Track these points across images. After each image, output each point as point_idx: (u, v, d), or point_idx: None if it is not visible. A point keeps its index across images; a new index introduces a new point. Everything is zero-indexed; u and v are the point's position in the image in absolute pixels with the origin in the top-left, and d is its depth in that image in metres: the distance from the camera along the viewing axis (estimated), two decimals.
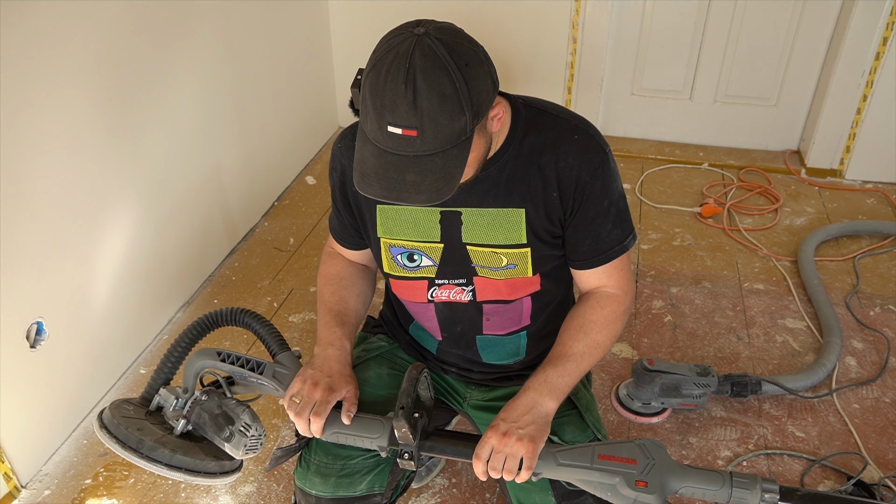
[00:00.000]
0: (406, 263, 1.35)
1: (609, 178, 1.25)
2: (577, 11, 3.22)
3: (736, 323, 2.44)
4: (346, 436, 1.25)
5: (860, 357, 2.29)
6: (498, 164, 1.24)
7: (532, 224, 1.27)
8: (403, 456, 1.21)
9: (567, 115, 1.28)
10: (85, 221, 2.01)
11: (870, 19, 2.94)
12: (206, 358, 1.26)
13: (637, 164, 3.49)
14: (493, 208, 1.27)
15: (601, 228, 1.28)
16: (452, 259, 1.32)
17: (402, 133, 1.03)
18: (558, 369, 1.26)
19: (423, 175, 1.06)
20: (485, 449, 1.18)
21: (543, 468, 1.19)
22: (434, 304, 1.39)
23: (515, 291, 1.36)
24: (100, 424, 1.17)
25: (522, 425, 1.19)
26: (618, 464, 1.16)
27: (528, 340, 1.44)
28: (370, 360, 1.50)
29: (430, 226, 1.30)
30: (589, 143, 1.24)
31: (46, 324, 1.90)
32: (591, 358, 1.30)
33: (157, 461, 1.15)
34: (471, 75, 1.05)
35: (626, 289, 1.35)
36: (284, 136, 3.19)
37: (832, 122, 3.22)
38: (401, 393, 1.19)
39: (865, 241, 2.87)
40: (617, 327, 1.33)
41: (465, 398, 1.53)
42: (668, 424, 2.06)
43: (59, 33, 1.81)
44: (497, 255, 1.30)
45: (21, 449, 1.90)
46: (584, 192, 1.24)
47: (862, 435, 2.01)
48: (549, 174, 1.24)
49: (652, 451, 1.18)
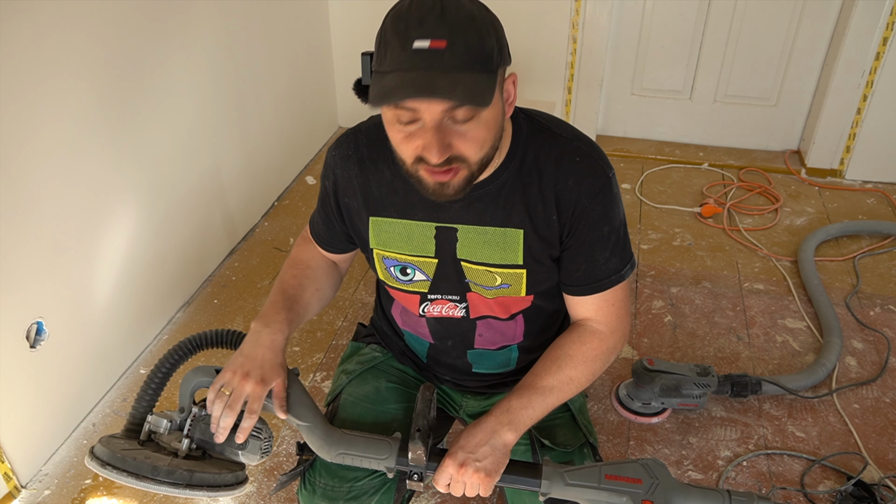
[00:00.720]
0: (399, 276, 1.32)
1: (610, 203, 1.21)
2: (577, 11, 3.21)
3: (736, 323, 2.44)
4: (352, 457, 1.23)
5: (860, 357, 2.28)
6: (498, 182, 1.19)
7: (530, 246, 1.22)
8: (413, 477, 1.19)
9: (570, 134, 1.23)
10: (85, 221, 2.00)
11: (870, 19, 2.94)
12: (203, 375, 1.22)
13: (637, 164, 3.49)
14: (491, 227, 1.22)
15: (598, 255, 1.23)
16: (446, 275, 1.28)
17: (430, 46, 0.96)
18: (523, 400, 1.22)
19: (455, 83, 0.96)
20: (443, 476, 1.17)
21: (553, 489, 1.18)
22: (426, 318, 1.36)
23: (508, 309, 1.32)
24: (101, 462, 1.11)
25: (480, 457, 1.15)
26: (624, 483, 1.16)
27: (518, 353, 1.42)
28: (366, 373, 1.47)
29: (425, 241, 1.26)
30: (591, 167, 1.19)
31: (46, 324, 1.90)
32: (562, 393, 1.24)
33: (177, 484, 1.11)
34: (494, 16, 1.03)
35: (614, 326, 1.29)
36: (284, 135, 3.19)
37: (832, 122, 3.22)
38: (416, 415, 1.17)
39: (865, 241, 2.87)
40: (596, 366, 1.27)
41: (461, 406, 1.51)
42: (668, 424, 2.06)
43: (59, 33, 1.81)
44: (491, 274, 1.26)
45: (21, 449, 1.89)
46: (582, 216, 1.19)
47: (862, 435, 2.01)
48: (549, 196, 1.19)
49: (655, 470, 1.18)
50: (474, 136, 1.04)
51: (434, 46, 0.96)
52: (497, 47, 1.02)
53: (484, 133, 1.05)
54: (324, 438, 1.23)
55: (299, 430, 1.24)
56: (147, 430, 1.19)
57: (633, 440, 2.01)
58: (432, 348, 1.44)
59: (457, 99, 0.97)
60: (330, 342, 2.38)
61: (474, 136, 1.04)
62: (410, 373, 1.51)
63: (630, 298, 2.48)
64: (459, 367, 1.44)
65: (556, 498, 1.20)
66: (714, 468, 1.92)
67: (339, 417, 1.39)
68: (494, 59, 1.01)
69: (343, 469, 1.31)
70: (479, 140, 1.06)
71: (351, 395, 1.43)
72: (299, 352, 2.35)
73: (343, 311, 2.52)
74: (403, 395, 1.45)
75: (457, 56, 0.97)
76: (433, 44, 0.96)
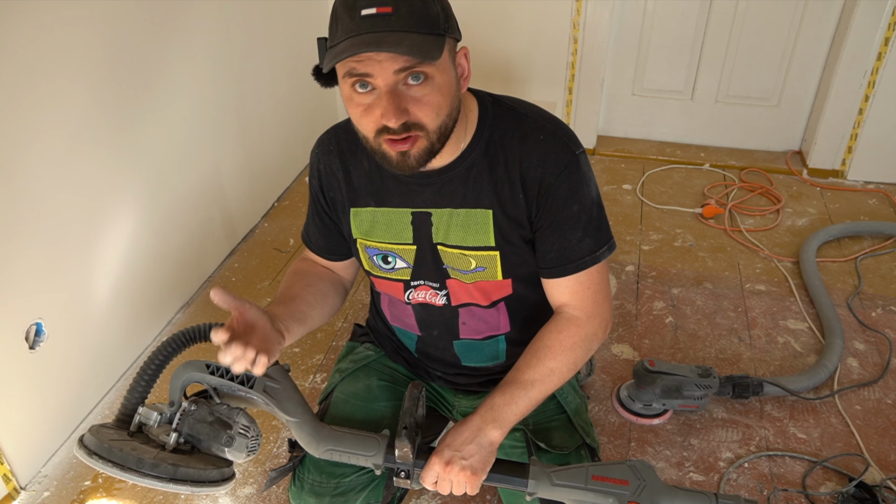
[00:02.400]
0: (381, 265, 1.33)
1: (578, 182, 1.21)
2: (578, 11, 3.21)
3: (737, 324, 2.43)
4: (340, 453, 1.24)
5: (862, 358, 2.27)
6: (466, 163, 1.21)
7: (500, 226, 1.23)
8: (400, 475, 1.20)
9: (536, 113, 1.24)
10: (84, 222, 2.00)
11: (872, 19, 2.94)
12: (194, 370, 1.23)
13: (638, 165, 3.49)
14: (462, 209, 1.23)
15: (570, 235, 1.23)
16: (425, 261, 1.29)
17: (377, 11, 1.01)
18: (506, 396, 1.22)
19: (401, 39, 1.01)
20: (430, 474, 1.18)
21: (539, 488, 1.19)
22: (412, 305, 1.37)
23: (488, 296, 1.32)
24: (88, 452, 1.12)
25: (466, 455, 1.16)
26: (611, 485, 1.17)
27: (506, 345, 1.42)
28: (358, 370, 1.48)
29: (403, 227, 1.27)
30: (555, 144, 1.20)
31: (45, 325, 1.89)
32: (544, 386, 1.24)
33: (160, 477, 1.11)
34: None
35: (591, 311, 1.28)
36: (284, 136, 3.19)
37: (834, 123, 3.21)
38: (403, 412, 1.18)
39: (867, 241, 2.86)
40: (576, 354, 1.26)
41: (453, 406, 1.51)
42: (669, 426, 2.05)
43: (57, 34, 1.81)
44: (466, 258, 1.26)
45: (20, 450, 1.89)
46: (549, 194, 1.20)
47: (864, 436, 2.00)
48: (514, 174, 1.20)
49: (642, 472, 1.19)
50: (429, 101, 1.07)
51: (381, 11, 1.01)
52: (443, 14, 1.06)
53: (438, 98, 1.08)
54: (312, 434, 1.24)
55: (289, 425, 1.25)
56: (137, 422, 1.19)
57: (634, 442, 2.00)
58: (420, 341, 1.45)
59: (403, 52, 1.00)
60: (330, 343, 2.37)
61: (429, 101, 1.07)
62: (402, 371, 1.52)
63: (625, 293, 2.50)
64: (448, 361, 1.45)
65: (546, 499, 1.22)
66: (715, 470, 1.91)
67: (330, 414, 1.41)
68: (440, 23, 1.05)
69: (331, 465, 1.32)
70: (435, 105, 1.08)
71: (342, 392, 1.45)
72: (299, 353, 2.34)
73: (343, 313, 2.51)
74: (394, 394, 1.46)
75: (402, 19, 1.01)
76: (379, 10, 1.01)
